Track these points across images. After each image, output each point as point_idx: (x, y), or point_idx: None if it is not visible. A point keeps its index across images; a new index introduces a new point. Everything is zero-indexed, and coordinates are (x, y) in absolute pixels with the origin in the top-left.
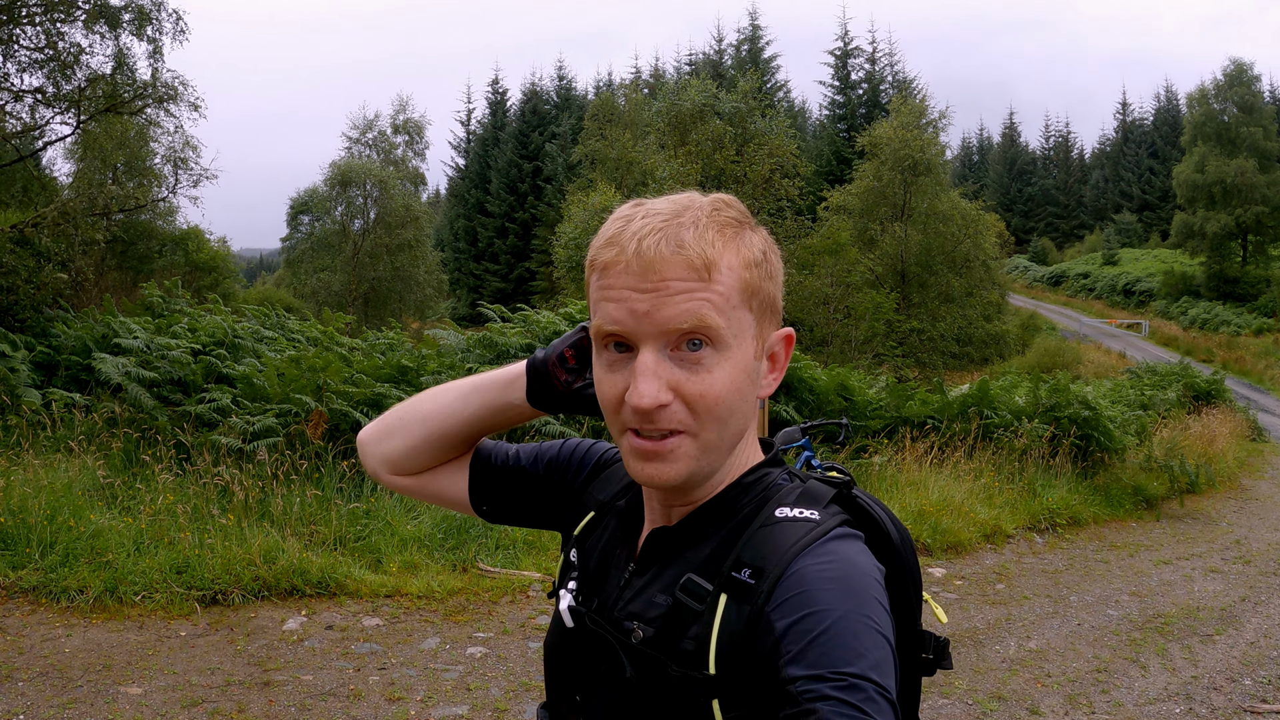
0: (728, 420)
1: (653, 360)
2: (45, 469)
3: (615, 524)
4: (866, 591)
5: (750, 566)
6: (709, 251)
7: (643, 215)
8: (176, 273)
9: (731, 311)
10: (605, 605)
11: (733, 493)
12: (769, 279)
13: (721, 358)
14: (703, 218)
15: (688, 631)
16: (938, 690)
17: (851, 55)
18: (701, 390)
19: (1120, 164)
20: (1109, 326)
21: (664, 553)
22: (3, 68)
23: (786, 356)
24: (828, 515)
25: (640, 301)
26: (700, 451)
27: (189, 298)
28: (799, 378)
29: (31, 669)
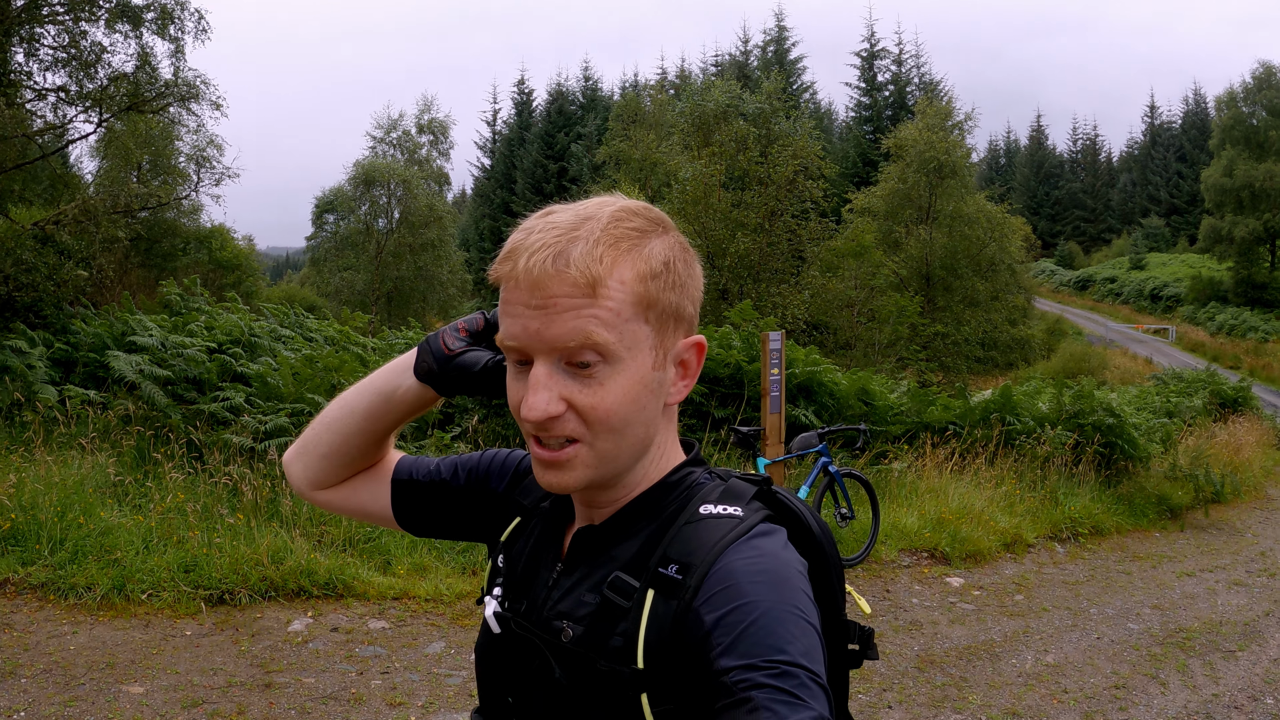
0: (623, 430)
1: (544, 374)
2: (58, 466)
3: (541, 526)
4: (792, 583)
5: (677, 562)
6: (594, 269)
7: (540, 229)
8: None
9: (623, 325)
10: (534, 606)
11: (657, 492)
12: (671, 289)
13: (613, 371)
14: (597, 231)
15: (616, 628)
16: (950, 705)
17: (878, 57)
18: (592, 403)
19: (1148, 167)
20: (1136, 332)
21: (591, 552)
22: (26, 66)
23: (698, 363)
24: (750, 511)
25: (531, 319)
26: (598, 460)
27: (207, 295)
28: (819, 381)
29: (35, 666)
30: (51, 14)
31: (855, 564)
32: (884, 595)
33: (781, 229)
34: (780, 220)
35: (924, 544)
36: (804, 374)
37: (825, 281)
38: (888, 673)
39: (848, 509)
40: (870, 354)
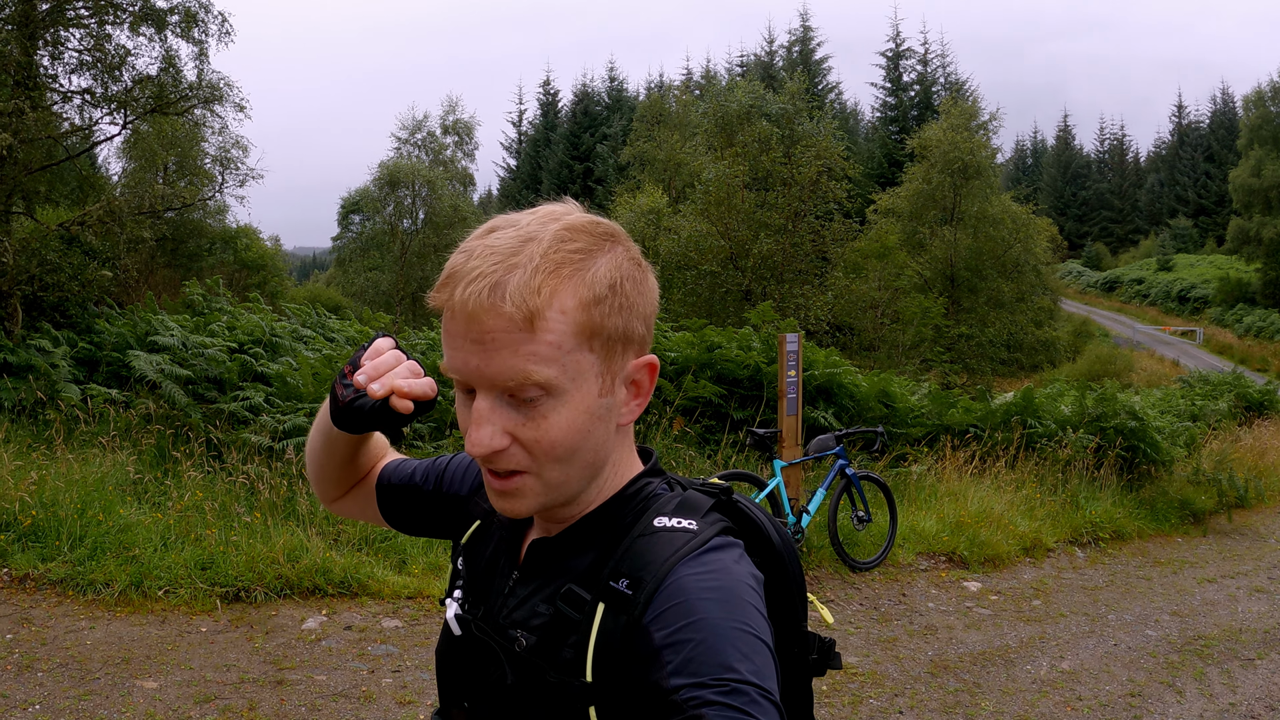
0: (570, 459)
1: (487, 408)
2: (79, 464)
3: (500, 532)
4: (742, 599)
5: (628, 577)
6: (531, 301)
7: (479, 253)
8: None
9: (565, 357)
10: (490, 612)
11: (613, 505)
12: (617, 313)
13: (557, 403)
14: (538, 255)
15: (567, 640)
16: (962, 711)
17: (903, 56)
18: (536, 436)
19: (1176, 168)
20: (1163, 334)
21: (545, 563)
22: (51, 69)
23: (650, 383)
24: (705, 525)
25: (470, 353)
26: (545, 488)
27: (230, 295)
28: (839, 383)
29: (52, 660)
30: (76, 18)
31: (872, 567)
32: (900, 599)
33: (805, 230)
34: (804, 221)
35: (942, 548)
36: (824, 376)
37: (849, 283)
38: (900, 678)
39: (864, 512)
40: (894, 356)
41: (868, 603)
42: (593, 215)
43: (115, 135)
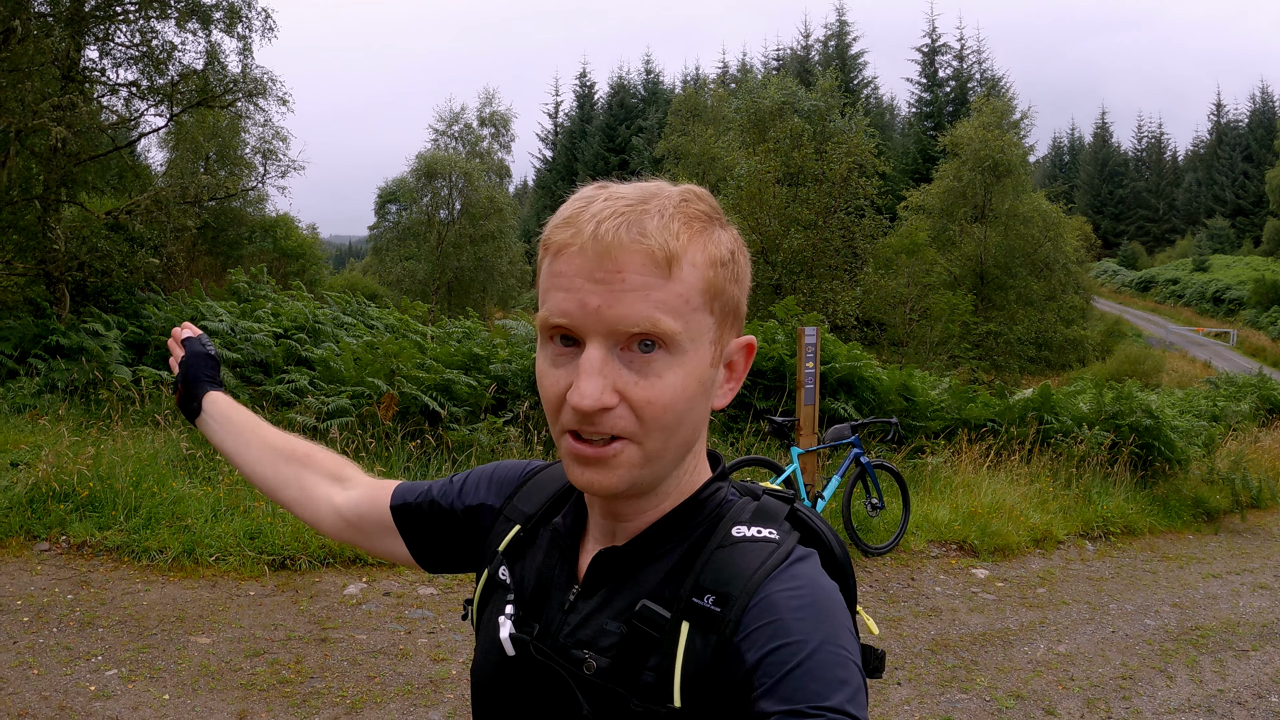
0: (675, 429)
1: (599, 358)
2: (133, 440)
3: (550, 541)
4: (836, 617)
5: (714, 593)
6: (672, 244)
7: (605, 197)
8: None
9: (690, 313)
10: (547, 630)
11: (684, 510)
12: (734, 281)
13: (674, 362)
14: (670, 206)
15: (646, 662)
16: (957, 685)
17: (939, 52)
18: (649, 396)
19: (1213, 167)
20: (1196, 335)
21: (613, 575)
22: (99, 63)
23: (745, 366)
24: (785, 533)
25: (592, 294)
26: (644, 461)
27: (273, 283)
28: (860, 376)
29: (111, 618)
30: (124, 13)
31: (884, 552)
32: (909, 583)
33: (836, 225)
34: (834, 217)
35: (953, 536)
36: (845, 369)
37: (879, 279)
38: (901, 653)
39: (878, 499)
40: (922, 352)
41: (877, 585)
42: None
43: (162, 127)
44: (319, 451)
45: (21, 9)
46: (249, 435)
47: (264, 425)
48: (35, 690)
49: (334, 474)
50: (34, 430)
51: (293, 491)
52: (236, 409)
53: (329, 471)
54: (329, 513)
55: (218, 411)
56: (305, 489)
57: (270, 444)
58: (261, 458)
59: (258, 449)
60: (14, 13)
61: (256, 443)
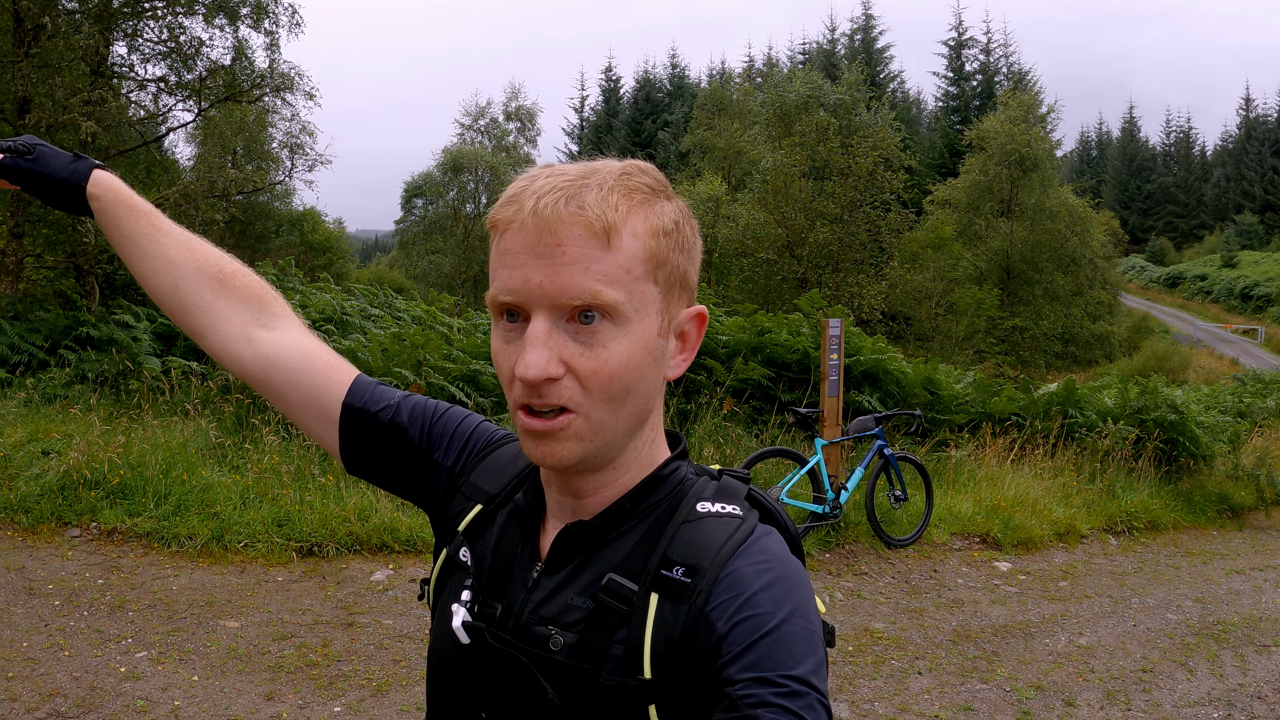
0: (623, 400)
1: (543, 330)
2: (163, 429)
3: (511, 519)
4: (803, 593)
5: (682, 564)
6: (610, 215)
7: (547, 175)
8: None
9: (633, 284)
10: (510, 610)
11: (647, 486)
12: (679, 250)
13: (619, 332)
14: (610, 180)
15: (615, 635)
16: (978, 676)
17: (965, 46)
18: (594, 366)
19: (1242, 162)
20: (1224, 331)
21: (579, 550)
22: (128, 59)
23: (698, 337)
24: (747, 511)
25: (535, 269)
26: (593, 432)
27: (301, 276)
28: (884, 369)
29: (141, 602)
30: (152, 9)
31: (907, 544)
32: (931, 575)
33: (861, 220)
34: (860, 211)
35: (976, 529)
36: (869, 361)
37: (904, 273)
38: (923, 644)
39: (901, 491)
40: (947, 346)
41: (899, 576)
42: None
43: (190, 122)
44: (239, 271)
45: (51, 5)
46: (146, 239)
47: (169, 225)
48: (66, 671)
49: (256, 303)
50: (65, 420)
51: (199, 319)
52: (128, 201)
53: (249, 298)
54: (242, 350)
55: (108, 202)
56: (214, 316)
57: (171, 255)
58: (160, 270)
59: (154, 259)
60: (44, 9)
61: (154, 251)
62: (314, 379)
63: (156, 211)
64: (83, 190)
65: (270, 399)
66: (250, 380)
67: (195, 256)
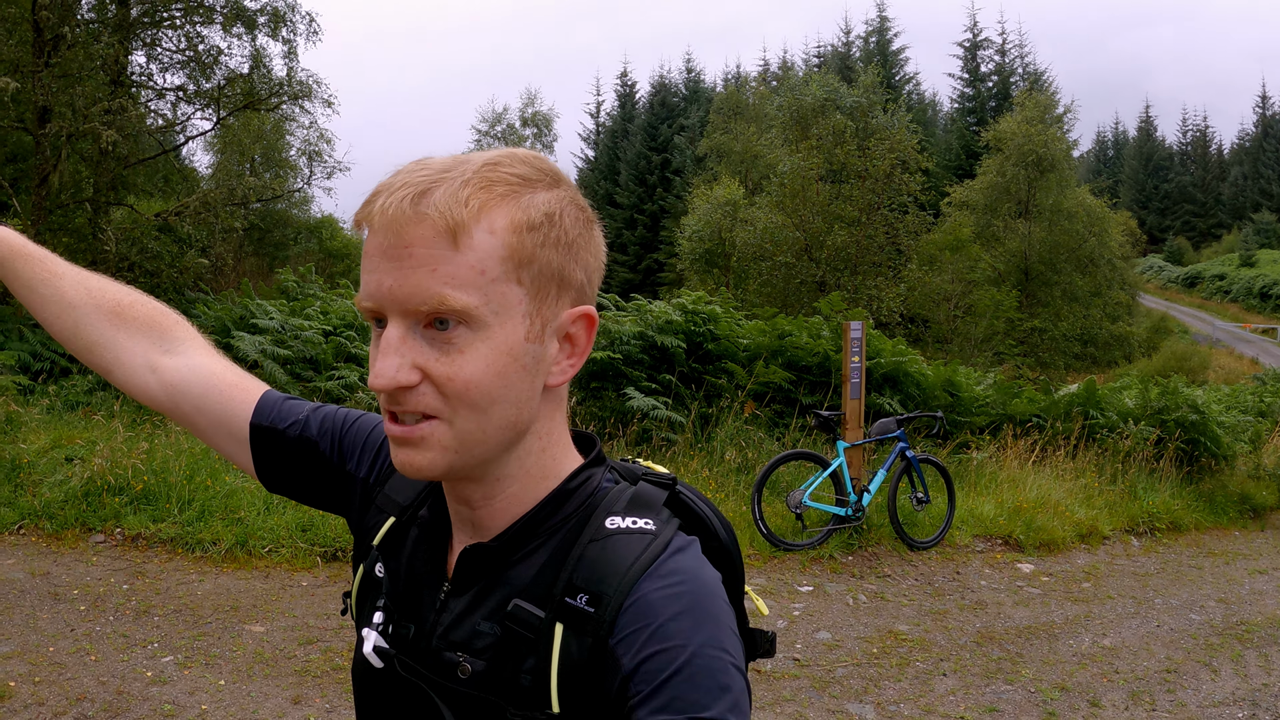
0: (487, 409)
1: (396, 337)
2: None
3: (419, 534)
4: (718, 618)
5: (586, 591)
6: (458, 213)
7: (410, 170)
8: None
9: (489, 285)
10: (422, 632)
11: (553, 502)
12: (553, 246)
13: (477, 338)
14: (469, 173)
15: (523, 664)
16: (1003, 677)
17: (981, 47)
18: (449, 373)
19: (1260, 160)
20: (1243, 331)
21: (482, 573)
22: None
23: (588, 340)
24: (663, 524)
25: (386, 273)
26: (457, 442)
27: (321, 283)
28: (905, 371)
29: (166, 607)
30: (170, 19)
31: (929, 546)
32: (954, 576)
33: (879, 222)
34: (878, 214)
35: (999, 531)
36: (890, 364)
37: (923, 275)
38: (947, 645)
39: (924, 493)
40: (966, 348)
41: (922, 579)
42: (540, 154)
43: (208, 130)
44: (137, 301)
45: (70, 16)
46: (44, 286)
47: (65, 267)
48: (93, 675)
49: (156, 331)
50: (88, 426)
51: (102, 356)
52: (22, 252)
53: (149, 326)
54: (148, 380)
55: (8, 250)
56: (116, 350)
57: (69, 297)
58: (60, 314)
59: (54, 305)
60: (63, 20)
61: (52, 296)
62: (220, 401)
63: (52, 256)
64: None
65: (183, 425)
66: (160, 410)
67: (91, 295)
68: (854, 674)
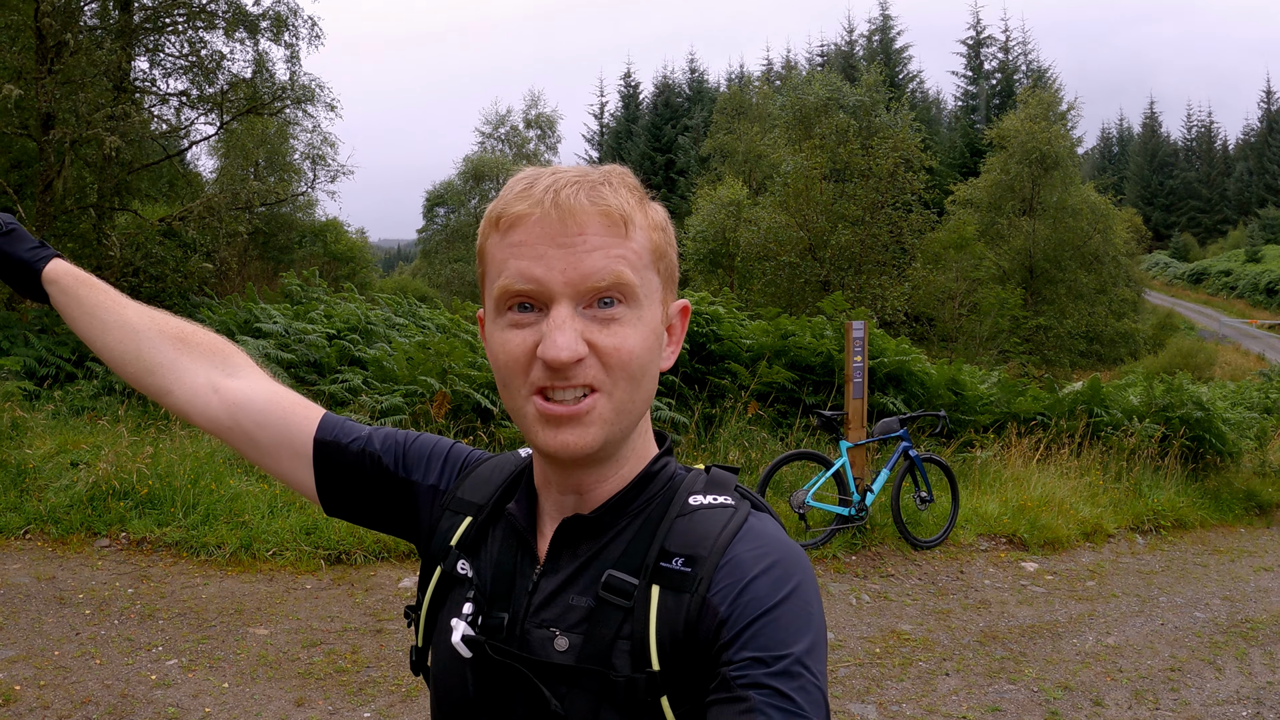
0: (640, 380)
1: (567, 314)
2: (190, 439)
3: (506, 528)
4: (802, 575)
5: (681, 555)
6: (627, 205)
7: (552, 173)
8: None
9: (644, 270)
10: (516, 618)
11: (640, 484)
12: (672, 246)
13: (634, 315)
14: (614, 178)
15: (619, 631)
16: (1006, 676)
17: (984, 44)
18: (616, 344)
19: (1265, 155)
20: (1249, 327)
21: (576, 547)
22: (150, 73)
23: (682, 329)
24: (739, 500)
25: (556, 257)
26: (615, 414)
27: (325, 286)
28: (908, 371)
29: (171, 610)
30: (173, 25)
31: (933, 545)
32: (958, 576)
33: (883, 221)
34: (882, 212)
35: (1003, 530)
36: (894, 363)
37: (927, 274)
38: (950, 645)
39: (927, 492)
40: (971, 346)
41: (926, 578)
42: None
43: (212, 135)
44: (199, 330)
45: (73, 22)
46: (107, 313)
47: (123, 300)
48: (98, 679)
49: (219, 356)
50: (93, 431)
51: (163, 378)
52: (87, 280)
53: (211, 352)
54: (209, 400)
55: (67, 284)
56: (179, 372)
57: (133, 323)
58: (123, 338)
59: (117, 330)
60: (66, 26)
61: (115, 321)
62: (283, 418)
63: (113, 289)
64: (38, 275)
65: (241, 446)
66: (220, 430)
67: (155, 321)
68: (856, 674)
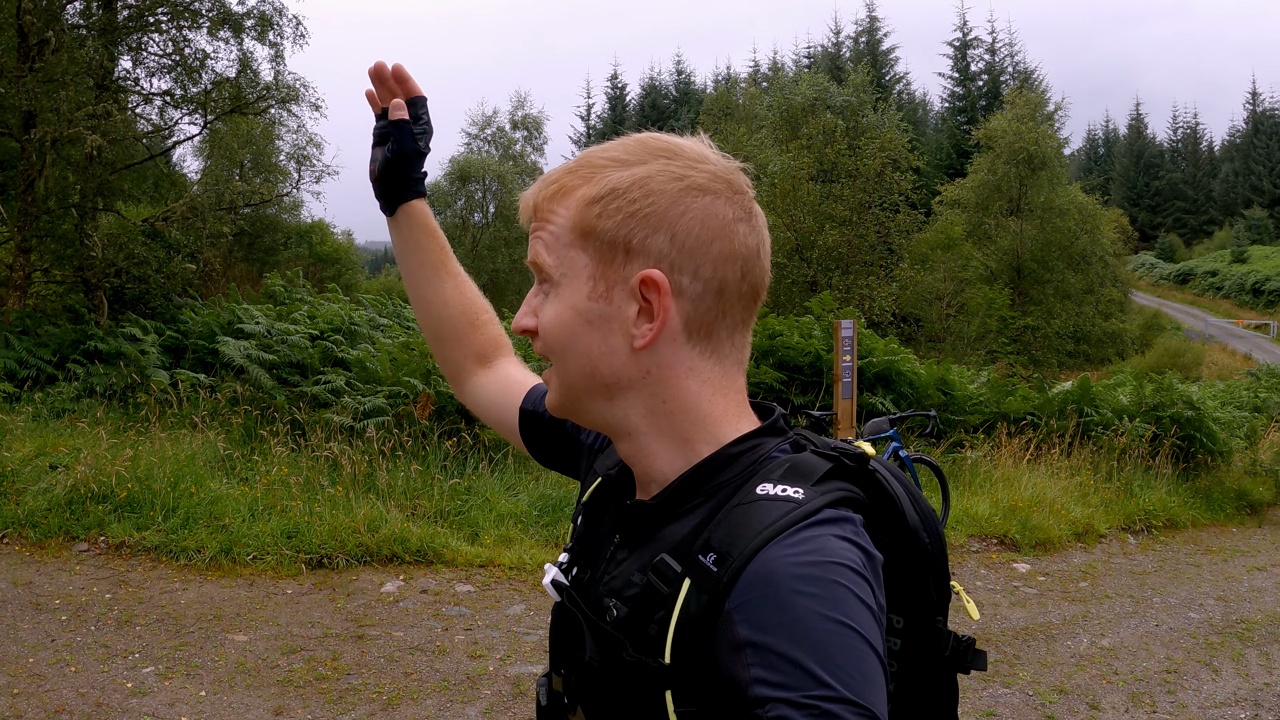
0: (563, 355)
1: (531, 292)
2: (170, 442)
3: (608, 493)
4: (843, 586)
5: (715, 551)
6: (541, 194)
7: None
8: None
9: (562, 250)
10: (594, 579)
11: (712, 465)
12: (615, 216)
13: (552, 295)
14: (574, 160)
15: (654, 615)
16: (1000, 680)
17: (971, 46)
18: (537, 321)
19: (1250, 157)
20: (1236, 327)
21: (642, 528)
22: (133, 72)
23: (658, 302)
24: (815, 493)
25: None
26: (560, 385)
27: (309, 287)
28: (897, 370)
29: (149, 616)
30: (156, 23)
31: None
32: (950, 577)
33: (870, 221)
34: (869, 213)
35: (994, 531)
36: (882, 363)
37: (914, 274)
38: None
39: None
40: (959, 347)
41: None
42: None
43: (196, 135)
44: (487, 322)
45: (55, 20)
46: (437, 272)
47: (450, 263)
48: (72, 687)
49: (483, 354)
50: (73, 434)
51: (444, 349)
52: (430, 232)
53: (481, 350)
54: (464, 386)
55: (415, 225)
56: (451, 356)
57: (449, 295)
58: (432, 300)
59: (429, 290)
60: (48, 24)
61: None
62: (508, 403)
63: (449, 249)
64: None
65: (487, 423)
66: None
67: (456, 297)
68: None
